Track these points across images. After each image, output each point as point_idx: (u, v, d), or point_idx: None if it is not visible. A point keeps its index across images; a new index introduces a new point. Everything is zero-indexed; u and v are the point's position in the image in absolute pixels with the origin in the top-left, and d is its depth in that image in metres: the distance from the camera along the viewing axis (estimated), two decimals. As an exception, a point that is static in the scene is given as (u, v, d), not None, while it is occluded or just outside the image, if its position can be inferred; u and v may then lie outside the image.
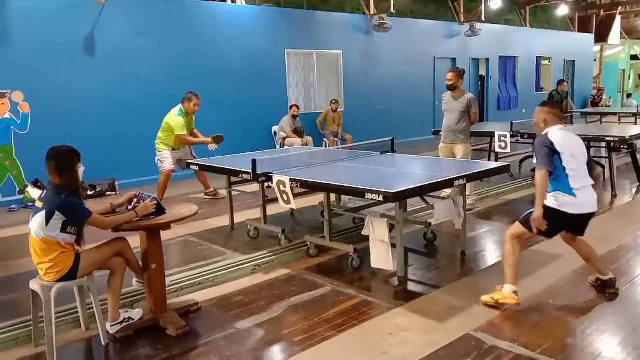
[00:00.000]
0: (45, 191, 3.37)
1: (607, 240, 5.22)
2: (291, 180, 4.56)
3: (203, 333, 3.63)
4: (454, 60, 15.16)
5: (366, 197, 4.03)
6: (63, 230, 3.26)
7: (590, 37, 21.34)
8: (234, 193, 6.14)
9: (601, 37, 21.73)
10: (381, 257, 4.29)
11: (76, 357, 3.48)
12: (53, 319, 3.29)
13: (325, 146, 10.91)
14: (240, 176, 5.30)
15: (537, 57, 18.70)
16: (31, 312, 3.52)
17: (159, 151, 7.34)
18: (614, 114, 13.06)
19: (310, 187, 4.71)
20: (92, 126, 8.48)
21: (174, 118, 7.17)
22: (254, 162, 4.91)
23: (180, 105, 7.27)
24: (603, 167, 8.39)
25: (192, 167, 6.34)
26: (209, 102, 8.77)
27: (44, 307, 3.30)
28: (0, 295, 4.53)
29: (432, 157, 6.13)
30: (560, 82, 12.77)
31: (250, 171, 4.95)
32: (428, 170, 5.28)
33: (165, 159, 7.25)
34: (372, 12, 13.02)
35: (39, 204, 3.30)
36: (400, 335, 3.49)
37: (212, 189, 7.79)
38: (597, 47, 22.57)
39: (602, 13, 21.66)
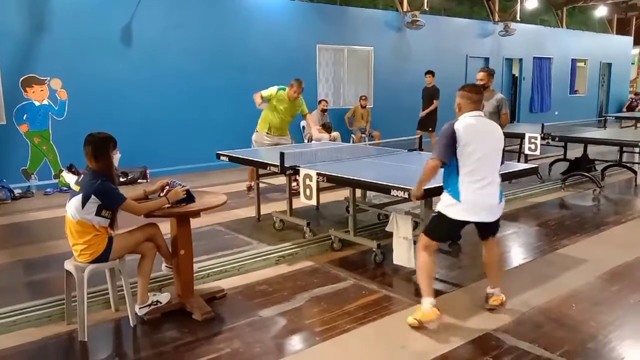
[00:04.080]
0: (82, 176, 3.51)
1: (635, 247, 5.15)
2: (318, 174, 4.63)
3: (227, 319, 3.74)
4: (486, 59, 15.00)
5: (391, 194, 4.06)
6: (98, 213, 3.39)
7: (629, 39, 20.81)
8: (261, 185, 6.24)
9: (640, 40, 21.18)
10: (403, 254, 4.33)
11: (106, 336, 3.61)
12: (85, 298, 3.43)
13: (352, 142, 10.94)
14: (268, 168, 5.39)
15: (572, 59, 18.36)
16: (64, 292, 3.66)
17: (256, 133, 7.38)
18: (650, 119, 12.77)
19: (336, 182, 4.76)
20: (127, 115, 8.69)
21: (272, 87, 7.24)
22: (282, 155, 4.99)
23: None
24: (635, 172, 8.23)
25: (221, 158, 6.46)
26: (240, 94, 8.94)
27: (77, 287, 3.44)
28: (35, 275, 4.73)
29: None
30: None
31: (278, 164, 5.03)
32: (455, 169, 5.26)
33: (254, 142, 7.28)
34: (405, 9, 12.97)
35: (76, 188, 3.44)
36: (420, 331, 3.53)
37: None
38: (636, 50, 22.01)
39: (642, 15, 21.11)
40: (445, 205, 3.57)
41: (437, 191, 3.75)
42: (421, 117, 10.99)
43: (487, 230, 3.78)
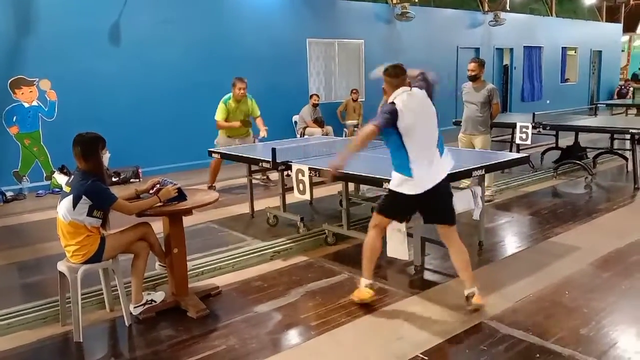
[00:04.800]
0: (72, 177, 3.50)
1: (627, 233, 5.19)
2: (310, 169, 4.62)
3: (223, 316, 3.74)
4: (477, 50, 15.01)
5: (384, 187, 4.06)
6: (89, 214, 3.38)
7: (619, 27, 20.89)
8: (254, 181, 6.24)
9: (630, 27, 21.28)
10: (397, 246, 4.31)
11: (101, 336, 3.60)
12: (79, 299, 3.42)
13: (345, 136, 10.94)
14: (261, 164, 5.38)
15: (562, 48, 18.40)
16: (58, 293, 3.65)
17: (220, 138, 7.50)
18: (641, 105, 12.83)
19: (329, 176, 4.75)
20: (117, 114, 8.65)
21: (219, 105, 7.34)
22: (274, 150, 4.99)
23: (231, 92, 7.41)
24: (626, 159, 8.27)
25: (213, 155, 6.45)
26: (230, 90, 8.90)
27: (70, 287, 3.44)
28: (29, 277, 4.72)
29: (451, 147, 6.12)
30: None
31: (270, 160, 5.03)
32: (447, 160, 5.27)
33: (216, 145, 7.31)
34: (394, 1, 12.95)
35: (66, 189, 3.43)
36: (415, 322, 3.55)
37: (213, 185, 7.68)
38: (626, 38, 22.09)
39: (631, 2, 21.15)
40: (397, 183, 3.58)
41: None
42: None
43: (435, 214, 3.70)
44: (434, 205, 3.65)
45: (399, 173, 3.57)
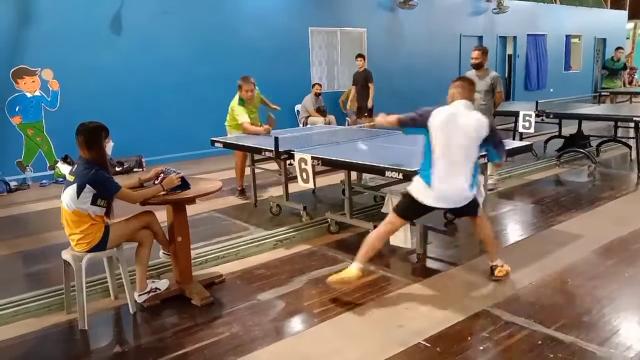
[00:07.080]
0: (76, 166, 3.50)
1: (630, 221, 5.19)
2: (313, 157, 4.62)
3: (226, 303, 3.77)
4: (480, 38, 14.91)
5: (386, 175, 4.08)
6: (93, 203, 3.39)
7: (624, 14, 20.70)
8: (257, 170, 6.24)
9: (635, 14, 21.07)
10: (400, 235, 4.33)
11: (106, 324, 3.63)
12: (84, 287, 3.44)
13: (347, 125, 10.91)
14: (263, 154, 5.38)
15: (566, 35, 18.26)
16: (63, 281, 3.67)
17: (231, 134, 7.21)
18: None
19: (332, 165, 4.76)
20: (120, 104, 8.64)
21: (236, 107, 6.62)
22: (276, 139, 4.99)
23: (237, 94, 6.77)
24: (630, 147, 8.25)
25: (216, 144, 6.45)
26: (233, 80, 8.88)
27: (75, 276, 3.46)
28: (33, 266, 4.74)
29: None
30: (616, 49, 12.98)
31: (273, 149, 5.03)
32: (449, 149, 5.26)
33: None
34: (397, -11, 12.86)
35: (70, 178, 3.44)
36: (417, 309, 3.57)
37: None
38: (631, 25, 21.91)
39: (636, -11, 20.97)
40: (416, 188, 3.65)
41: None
42: (358, 104, 10.55)
43: (459, 214, 3.93)
44: (456, 209, 3.83)
45: (421, 178, 3.64)
